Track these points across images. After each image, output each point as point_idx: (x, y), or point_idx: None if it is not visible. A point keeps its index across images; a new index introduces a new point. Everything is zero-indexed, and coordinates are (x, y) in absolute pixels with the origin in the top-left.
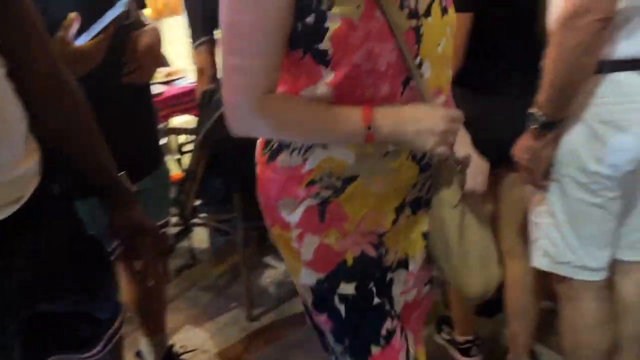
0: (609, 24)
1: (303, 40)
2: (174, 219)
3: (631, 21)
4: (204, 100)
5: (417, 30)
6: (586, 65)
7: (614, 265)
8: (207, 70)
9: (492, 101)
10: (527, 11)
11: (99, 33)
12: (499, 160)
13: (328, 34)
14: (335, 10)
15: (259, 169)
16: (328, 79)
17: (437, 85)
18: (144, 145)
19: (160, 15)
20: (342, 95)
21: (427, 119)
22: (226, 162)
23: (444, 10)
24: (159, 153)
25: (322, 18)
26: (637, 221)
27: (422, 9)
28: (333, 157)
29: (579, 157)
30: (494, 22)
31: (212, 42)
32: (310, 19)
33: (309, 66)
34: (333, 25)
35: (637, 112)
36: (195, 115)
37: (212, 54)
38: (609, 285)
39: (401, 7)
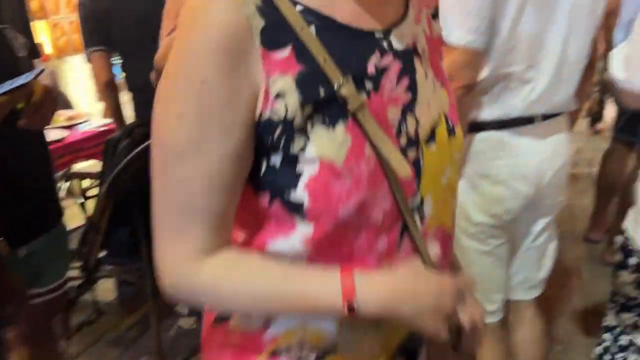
0: (471, 90)
1: (269, 184)
2: (76, 272)
3: (496, 86)
4: (109, 149)
5: (416, 162)
6: None
7: (507, 306)
8: (103, 76)
9: None
10: None
11: (4, 93)
12: None
13: (302, 182)
14: (311, 150)
15: (204, 331)
16: (304, 232)
17: (439, 223)
18: (38, 204)
19: (62, 53)
20: (323, 253)
21: (430, 295)
22: (133, 211)
23: (451, 131)
24: (56, 211)
25: (292, 160)
26: (520, 263)
27: (424, 133)
28: (306, 324)
29: (465, 210)
30: None
31: (107, 52)
32: (276, 160)
33: (278, 215)
34: (309, 170)
35: (509, 167)
36: (101, 160)
37: (107, 61)
38: (504, 325)
39: (398, 133)
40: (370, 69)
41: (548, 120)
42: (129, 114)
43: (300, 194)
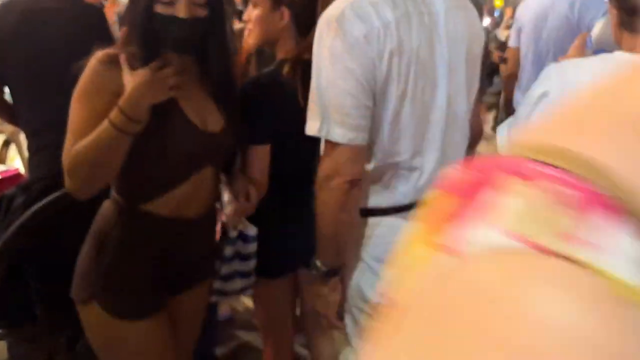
0: (357, 183)
1: None
2: None
3: (386, 175)
4: (2, 206)
5: None
6: (345, 219)
7: None
8: None
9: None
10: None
11: None
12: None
13: None
14: None
15: None
16: None
17: None
18: None
19: None
20: None
21: None
22: (27, 271)
23: None
24: None
25: None
26: None
27: None
28: None
29: (362, 292)
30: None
31: None
32: None
33: None
34: None
35: None
36: None
37: None
38: None
39: None
40: None
41: None
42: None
43: None
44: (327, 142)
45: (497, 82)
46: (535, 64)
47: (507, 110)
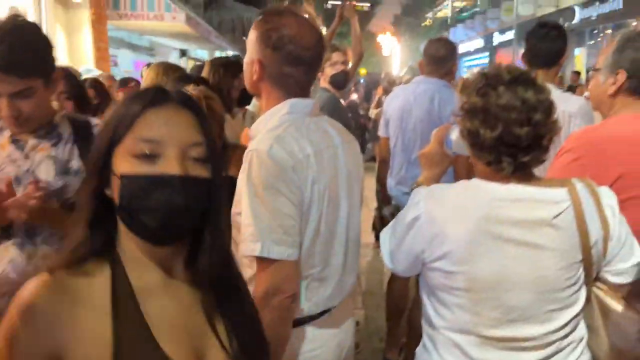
0: (296, 298)
1: None
2: None
3: (301, 287)
4: None
5: None
6: (285, 334)
7: None
8: None
9: None
10: None
11: None
12: None
13: None
14: None
15: None
16: None
17: None
18: None
19: None
20: None
21: None
22: None
23: None
24: None
25: None
26: None
27: None
28: None
29: None
30: None
31: None
32: None
33: None
34: None
35: (319, 356)
36: None
37: None
38: None
39: None
40: None
41: (340, 305)
42: None
43: None
44: (263, 260)
45: (368, 149)
46: (404, 152)
47: (382, 189)
